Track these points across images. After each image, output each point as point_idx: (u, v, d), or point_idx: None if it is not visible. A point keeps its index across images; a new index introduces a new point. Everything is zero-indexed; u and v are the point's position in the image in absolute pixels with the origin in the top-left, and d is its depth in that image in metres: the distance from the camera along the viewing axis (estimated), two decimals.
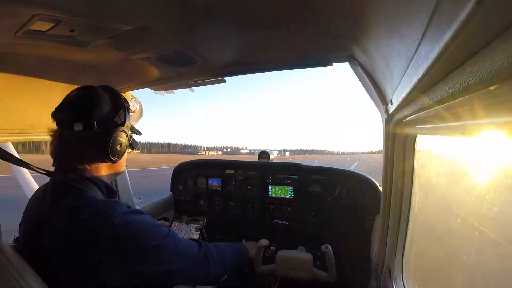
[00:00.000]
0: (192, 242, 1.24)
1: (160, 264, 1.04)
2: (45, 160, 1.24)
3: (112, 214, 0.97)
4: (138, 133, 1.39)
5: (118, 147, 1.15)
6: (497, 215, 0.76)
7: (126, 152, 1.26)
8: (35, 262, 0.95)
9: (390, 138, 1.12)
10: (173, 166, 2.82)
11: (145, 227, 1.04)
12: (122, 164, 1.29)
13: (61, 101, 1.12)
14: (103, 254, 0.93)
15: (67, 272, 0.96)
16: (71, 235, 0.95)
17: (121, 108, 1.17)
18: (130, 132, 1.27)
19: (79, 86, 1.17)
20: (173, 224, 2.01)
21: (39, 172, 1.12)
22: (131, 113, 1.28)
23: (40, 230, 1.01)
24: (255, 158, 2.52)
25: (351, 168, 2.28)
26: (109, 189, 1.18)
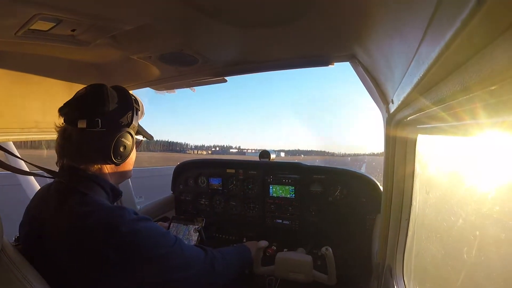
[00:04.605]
0: (198, 250, 1.22)
1: (167, 273, 1.03)
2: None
3: (120, 222, 0.95)
4: (149, 137, 1.37)
5: (122, 149, 1.11)
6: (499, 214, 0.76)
7: (134, 155, 1.24)
8: (37, 263, 0.94)
9: (391, 137, 1.12)
10: None
11: (153, 236, 1.03)
12: (129, 168, 1.26)
13: (62, 100, 1.11)
14: (109, 263, 0.92)
15: (70, 277, 0.95)
16: (76, 242, 0.94)
17: (129, 109, 1.14)
18: (141, 136, 1.26)
19: (82, 85, 1.15)
20: (171, 225, 2.00)
21: (44, 176, 1.10)
22: None
23: (44, 233, 1.00)
24: (244, 157, 2.50)
25: None
26: (115, 191, 1.16)
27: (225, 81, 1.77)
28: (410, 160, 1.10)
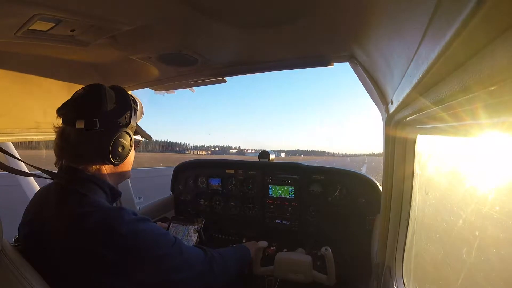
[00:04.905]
0: (198, 250, 1.22)
1: (166, 274, 1.02)
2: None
3: (119, 223, 0.95)
4: (148, 137, 1.36)
5: (120, 149, 1.10)
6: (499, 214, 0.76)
7: (132, 155, 1.24)
8: (37, 263, 0.94)
9: (391, 138, 1.12)
10: None
11: (152, 236, 1.02)
12: (128, 168, 1.25)
13: (61, 100, 1.10)
14: (108, 264, 0.92)
15: (69, 277, 0.94)
16: (75, 242, 0.94)
17: (127, 109, 1.14)
18: (139, 136, 1.26)
19: (81, 86, 1.15)
20: (171, 225, 1.99)
21: (43, 177, 1.10)
22: None
23: (43, 233, 1.00)
24: (243, 158, 2.50)
25: None
26: (114, 191, 1.15)
27: (225, 81, 1.76)
28: (409, 160, 1.10)
